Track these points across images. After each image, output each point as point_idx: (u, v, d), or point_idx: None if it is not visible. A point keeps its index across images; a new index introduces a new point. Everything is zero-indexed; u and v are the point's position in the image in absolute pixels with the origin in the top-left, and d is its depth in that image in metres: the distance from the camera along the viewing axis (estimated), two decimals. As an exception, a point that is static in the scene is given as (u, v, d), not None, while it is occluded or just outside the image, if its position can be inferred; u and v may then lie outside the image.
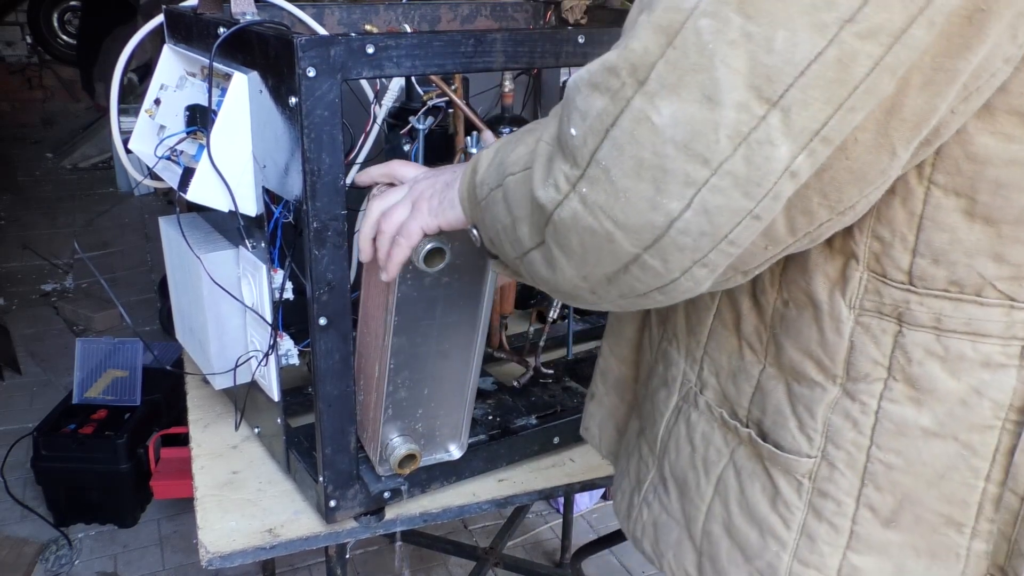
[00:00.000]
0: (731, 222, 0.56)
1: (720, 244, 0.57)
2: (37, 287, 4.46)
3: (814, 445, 0.70)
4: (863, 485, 0.69)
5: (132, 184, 5.09)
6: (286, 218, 1.07)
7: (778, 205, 0.57)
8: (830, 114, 0.53)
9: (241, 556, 1.12)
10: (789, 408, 0.71)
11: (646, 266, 0.60)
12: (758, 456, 0.74)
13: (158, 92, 1.26)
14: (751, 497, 0.74)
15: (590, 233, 0.60)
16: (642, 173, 0.56)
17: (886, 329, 0.66)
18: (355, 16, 1.46)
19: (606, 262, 0.61)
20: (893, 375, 0.66)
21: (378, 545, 2.65)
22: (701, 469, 0.79)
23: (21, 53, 7.85)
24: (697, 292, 0.62)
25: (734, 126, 0.53)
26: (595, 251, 0.61)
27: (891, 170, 0.58)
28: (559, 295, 0.72)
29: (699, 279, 0.60)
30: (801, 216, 0.60)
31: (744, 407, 0.75)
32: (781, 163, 0.54)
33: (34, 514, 2.74)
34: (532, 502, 1.31)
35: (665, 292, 0.62)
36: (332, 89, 0.94)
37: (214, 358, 1.24)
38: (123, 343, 2.84)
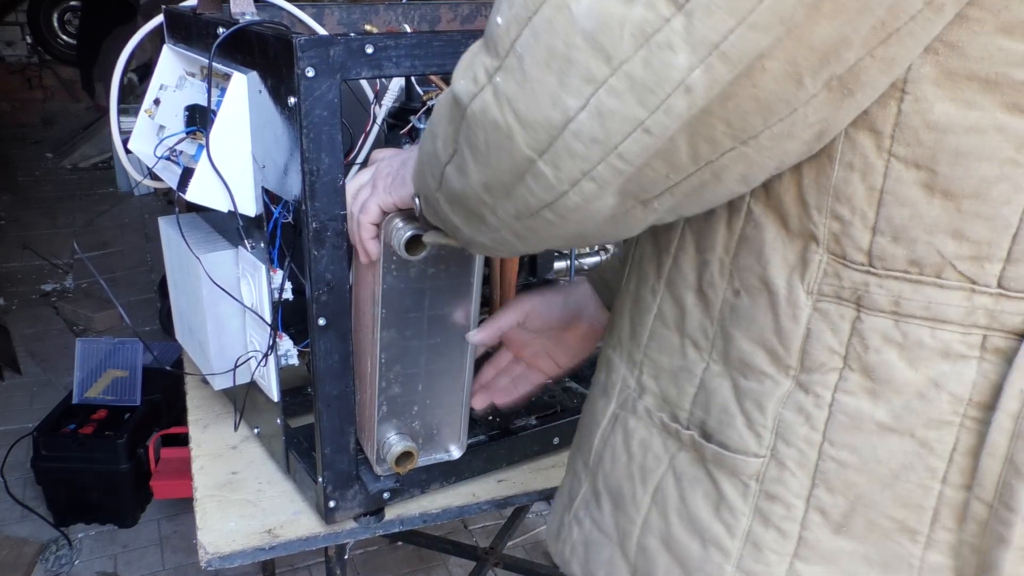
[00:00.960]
0: (622, 131, 0.54)
1: (610, 156, 0.55)
2: (37, 287, 4.46)
3: (763, 443, 0.66)
4: (814, 486, 0.64)
5: (132, 184, 5.09)
6: (285, 218, 1.07)
7: (671, 123, 0.53)
8: (732, 27, 0.50)
9: (241, 556, 1.12)
10: (736, 405, 0.67)
11: (539, 175, 0.58)
12: (701, 460, 0.70)
13: (158, 92, 1.26)
14: (692, 505, 0.70)
15: (495, 128, 0.58)
16: (551, 63, 0.54)
17: (844, 315, 0.62)
18: (355, 16, 1.46)
19: (505, 166, 0.59)
20: (849, 364, 0.62)
21: (378, 545, 2.65)
22: (638, 478, 0.74)
23: (21, 53, 7.85)
24: (588, 216, 0.59)
25: (639, 24, 0.51)
26: (496, 151, 0.59)
27: (797, 103, 0.54)
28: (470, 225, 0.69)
29: (588, 195, 0.57)
30: (704, 143, 0.55)
31: (686, 409, 0.71)
32: (678, 72, 0.51)
33: (34, 514, 2.74)
34: (532, 502, 1.31)
35: (555, 210, 0.59)
36: (331, 89, 0.94)
37: (213, 358, 1.24)
38: (123, 343, 2.84)
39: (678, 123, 0.53)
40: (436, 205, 0.71)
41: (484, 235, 0.68)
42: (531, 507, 2.79)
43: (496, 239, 0.68)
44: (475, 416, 1.31)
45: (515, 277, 1.34)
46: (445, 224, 0.73)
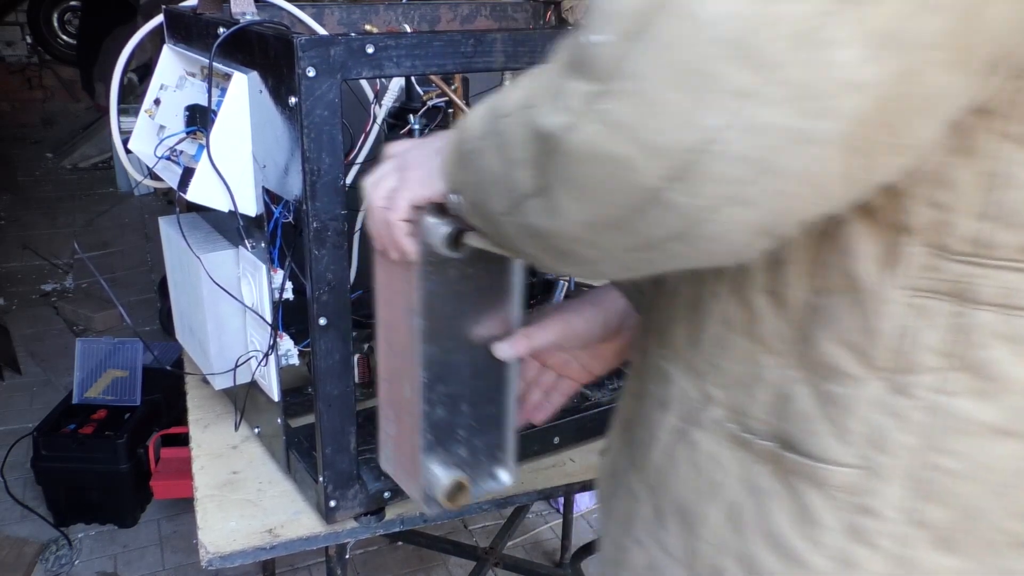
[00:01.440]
0: (781, 144, 0.46)
1: (765, 175, 0.47)
2: (37, 287, 4.46)
3: (853, 452, 0.60)
4: (914, 497, 0.58)
5: (132, 184, 5.09)
6: (286, 218, 1.07)
7: (837, 128, 0.46)
8: (908, 12, 0.44)
9: (241, 556, 1.12)
10: (820, 412, 0.61)
11: (669, 204, 0.49)
12: (780, 472, 0.64)
13: (158, 92, 1.26)
14: (771, 521, 0.64)
15: (607, 161, 0.50)
16: (679, 81, 0.46)
17: (945, 310, 0.56)
18: (355, 16, 1.46)
19: (620, 199, 0.51)
20: (952, 364, 0.56)
21: (377, 545, 2.65)
22: (707, 495, 0.68)
23: (21, 53, 7.85)
24: (727, 246, 0.52)
25: (795, 21, 0.43)
26: (609, 185, 0.51)
27: (962, 98, 0.49)
28: (549, 256, 0.61)
29: (733, 224, 0.49)
30: (860, 158, 0.48)
31: (760, 419, 0.65)
32: (847, 71, 0.44)
33: (34, 514, 2.74)
34: (532, 502, 1.31)
35: (687, 240, 0.51)
36: (332, 89, 0.94)
37: (214, 358, 1.25)
38: (123, 343, 2.84)
39: (843, 130, 0.46)
40: (498, 225, 0.64)
41: (569, 266, 0.64)
42: (531, 507, 2.79)
43: (587, 270, 0.62)
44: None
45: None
46: (505, 243, 0.66)
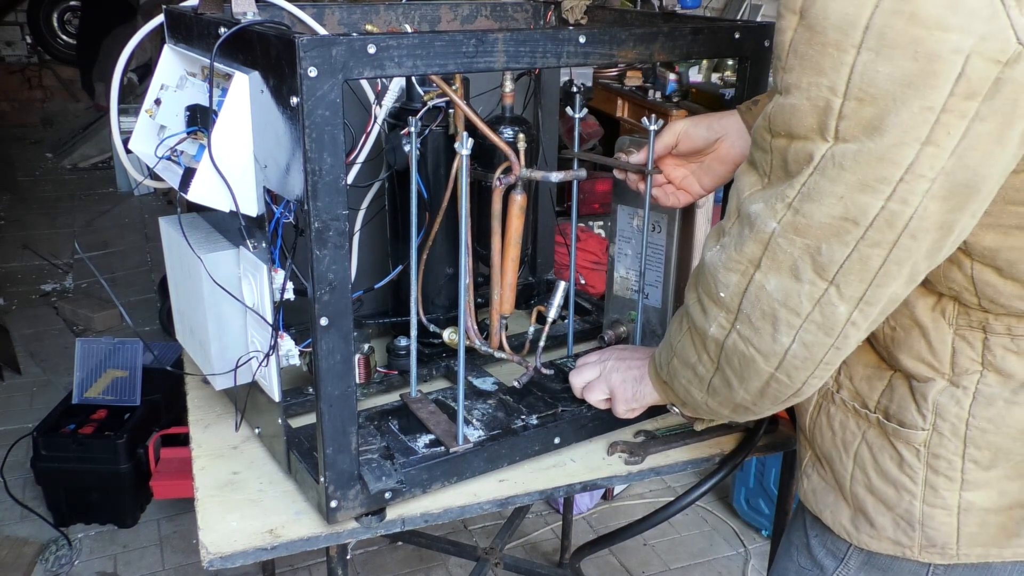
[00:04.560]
0: (822, 352, 0.88)
1: (819, 366, 0.90)
2: (37, 287, 4.46)
3: (927, 421, 0.97)
4: (966, 446, 0.96)
5: (132, 184, 5.09)
6: (287, 218, 1.07)
7: (851, 342, 0.88)
8: (866, 288, 0.84)
9: (242, 557, 1.12)
10: (910, 397, 0.99)
11: (779, 381, 0.93)
12: (885, 434, 1.01)
13: (158, 92, 1.25)
14: (883, 464, 1.01)
15: (744, 357, 0.93)
16: (765, 319, 0.89)
17: (976, 337, 0.94)
18: (355, 16, 1.46)
19: (755, 379, 0.94)
20: (985, 367, 0.95)
21: (378, 545, 2.65)
22: (842, 448, 1.05)
23: (21, 53, 7.86)
24: (811, 392, 0.95)
25: (809, 294, 0.86)
26: (747, 370, 0.94)
27: (920, 288, 0.94)
28: (735, 411, 1.03)
29: (815, 385, 0.93)
30: (863, 333, 0.89)
31: (874, 400, 1.02)
32: (843, 317, 0.86)
33: (34, 514, 2.74)
34: (533, 502, 1.31)
35: (798, 396, 0.95)
36: (333, 89, 0.94)
37: (214, 358, 1.24)
38: (123, 343, 2.84)
39: (854, 342, 0.89)
40: (706, 405, 1.07)
41: (737, 414, 1.04)
42: (531, 507, 2.79)
43: (756, 414, 1.02)
44: (475, 416, 1.31)
45: (515, 277, 1.34)
46: (708, 413, 1.12)
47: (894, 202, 0.79)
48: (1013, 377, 0.94)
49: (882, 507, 1.02)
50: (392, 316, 1.63)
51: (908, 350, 0.98)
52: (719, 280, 0.93)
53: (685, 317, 1.02)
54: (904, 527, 1.01)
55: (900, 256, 0.82)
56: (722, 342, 0.95)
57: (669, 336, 1.09)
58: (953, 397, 0.96)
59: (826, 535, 1.10)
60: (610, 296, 1.54)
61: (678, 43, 1.21)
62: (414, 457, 1.22)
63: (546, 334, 1.37)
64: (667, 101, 4.04)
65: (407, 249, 1.33)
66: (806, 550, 1.14)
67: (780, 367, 0.91)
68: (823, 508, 1.09)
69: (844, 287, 0.84)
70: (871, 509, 1.03)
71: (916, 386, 0.98)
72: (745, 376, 0.95)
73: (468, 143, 1.16)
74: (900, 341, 0.99)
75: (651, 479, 2.09)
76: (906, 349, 0.98)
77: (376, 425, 1.30)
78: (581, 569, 2.41)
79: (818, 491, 1.10)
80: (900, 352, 0.99)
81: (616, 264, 1.51)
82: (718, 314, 0.94)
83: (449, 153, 1.39)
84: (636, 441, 1.36)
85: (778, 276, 0.87)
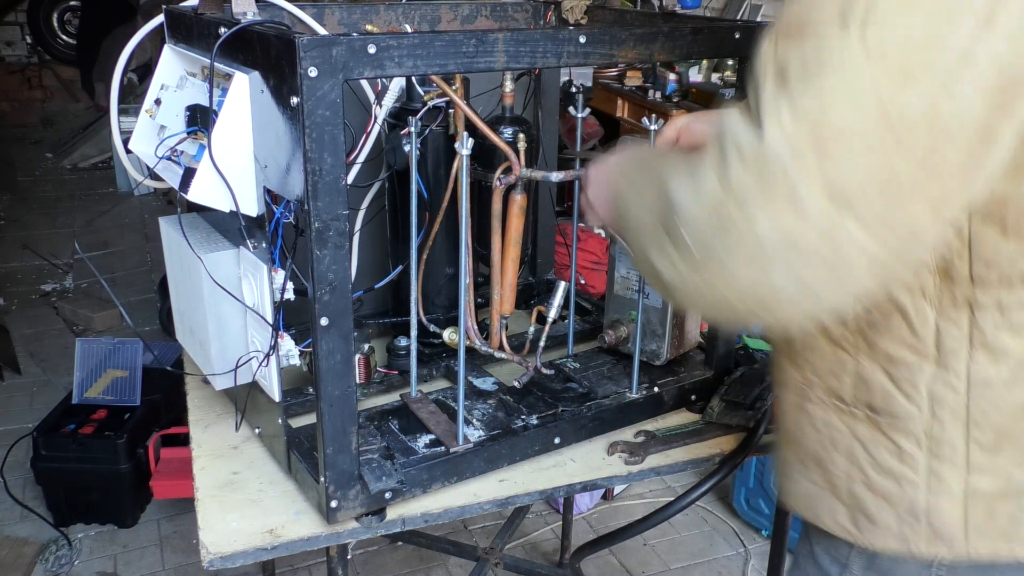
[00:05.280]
0: (824, 288, 0.76)
1: (815, 304, 0.78)
2: (37, 287, 4.46)
3: (923, 409, 0.91)
4: (968, 430, 0.90)
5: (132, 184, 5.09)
6: (287, 218, 1.07)
7: (858, 274, 0.75)
8: (886, 206, 0.72)
9: (242, 556, 1.12)
10: (893, 386, 0.92)
11: (756, 317, 0.82)
12: (876, 426, 0.94)
13: (158, 92, 1.25)
14: (880, 458, 0.95)
15: (714, 301, 0.81)
16: (751, 263, 0.76)
17: (962, 315, 0.87)
18: (355, 16, 1.46)
19: (728, 314, 0.83)
20: (974, 346, 0.87)
21: (377, 545, 2.65)
22: (830, 447, 0.99)
23: (21, 53, 7.85)
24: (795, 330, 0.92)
25: (818, 227, 0.73)
26: (719, 308, 0.82)
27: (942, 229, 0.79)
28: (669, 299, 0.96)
29: (794, 322, 0.82)
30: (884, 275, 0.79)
31: (849, 394, 0.96)
32: (856, 247, 0.73)
33: (34, 514, 2.74)
34: (533, 502, 1.31)
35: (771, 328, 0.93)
36: (334, 89, 0.94)
37: (215, 359, 1.24)
38: (123, 343, 2.84)
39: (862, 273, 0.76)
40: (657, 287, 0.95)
41: None
42: (531, 507, 2.79)
43: None
44: (476, 416, 1.31)
45: (515, 277, 1.34)
46: None
47: (933, 95, 0.69)
48: (1008, 355, 0.87)
49: (883, 503, 0.97)
50: (392, 316, 1.63)
51: (888, 334, 0.91)
52: (687, 223, 0.80)
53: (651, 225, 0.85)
54: (909, 521, 0.95)
55: (933, 162, 0.72)
56: (679, 288, 0.83)
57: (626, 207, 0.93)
58: (946, 383, 0.90)
59: (828, 541, 1.06)
60: (610, 296, 1.54)
61: (678, 43, 1.21)
62: (414, 457, 1.22)
63: (546, 334, 1.37)
64: (667, 101, 4.04)
65: (407, 249, 1.33)
66: (811, 559, 1.09)
67: (763, 309, 0.79)
68: (820, 513, 1.04)
69: (860, 210, 0.72)
70: (872, 506, 0.98)
71: (900, 374, 0.92)
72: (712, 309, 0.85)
73: (468, 143, 1.16)
74: (878, 325, 0.92)
75: (651, 479, 2.09)
76: (886, 333, 0.91)
77: (376, 425, 1.30)
78: (581, 569, 2.41)
79: (810, 496, 1.05)
80: (880, 337, 0.92)
81: (616, 264, 1.51)
82: (671, 253, 0.81)
83: (449, 153, 1.39)
84: (636, 441, 1.36)
85: (771, 211, 0.74)
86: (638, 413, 1.41)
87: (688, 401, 1.47)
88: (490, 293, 1.34)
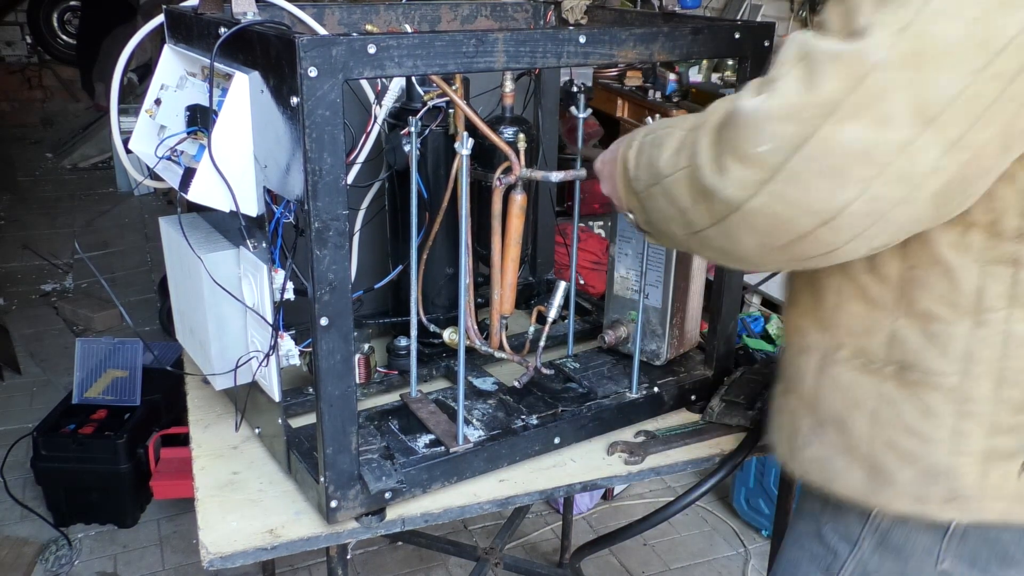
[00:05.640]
0: (891, 205, 0.79)
1: (879, 222, 0.80)
2: (37, 287, 4.46)
3: (955, 366, 0.92)
4: (999, 387, 0.92)
5: (132, 184, 5.09)
6: (287, 218, 1.07)
7: (925, 195, 0.79)
8: (966, 129, 0.75)
9: (242, 556, 1.12)
10: (928, 343, 0.93)
11: (819, 239, 0.82)
12: (903, 385, 0.95)
13: (158, 92, 1.25)
14: (906, 417, 0.96)
15: (777, 216, 0.82)
16: (826, 174, 0.78)
17: (1004, 272, 0.88)
18: (355, 16, 1.46)
19: (785, 236, 0.84)
20: (1012, 304, 0.89)
21: (377, 545, 2.65)
22: (853, 408, 1.00)
23: (21, 53, 7.85)
24: (849, 257, 0.86)
25: (900, 141, 0.76)
26: (777, 229, 0.84)
27: (1005, 166, 0.81)
28: (726, 259, 0.96)
29: (855, 249, 0.84)
30: (944, 204, 0.81)
31: (880, 353, 0.97)
32: (930, 164, 0.77)
33: (34, 514, 2.74)
34: (533, 502, 1.31)
35: (828, 257, 0.85)
36: (334, 89, 0.94)
37: (215, 359, 1.24)
38: (123, 343, 2.84)
39: (929, 194, 0.79)
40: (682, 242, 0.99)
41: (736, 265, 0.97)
42: (531, 507, 2.79)
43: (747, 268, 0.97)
44: (476, 416, 1.31)
45: (515, 277, 1.34)
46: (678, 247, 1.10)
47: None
48: None
49: (903, 463, 0.97)
50: (392, 316, 1.63)
51: (928, 290, 0.92)
52: (763, 132, 0.81)
53: (685, 156, 0.90)
54: (927, 481, 0.96)
55: (1013, 91, 0.75)
56: (739, 204, 0.84)
57: (654, 159, 0.97)
58: (982, 340, 0.92)
59: (839, 520, 1.07)
60: (610, 296, 1.54)
61: (678, 43, 1.21)
62: (414, 457, 1.22)
63: (546, 334, 1.37)
64: (667, 101, 4.04)
65: (407, 249, 1.33)
66: (817, 538, 1.10)
67: (828, 225, 0.81)
68: (832, 476, 1.04)
69: (942, 129, 0.75)
70: (891, 466, 0.98)
71: (936, 330, 0.93)
72: (770, 234, 0.85)
73: (468, 143, 1.16)
74: (919, 281, 0.93)
75: (651, 479, 2.09)
76: (926, 289, 0.93)
77: (376, 425, 1.30)
78: (581, 569, 2.41)
79: (823, 460, 1.05)
80: (918, 292, 0.93)
81: (616, 264, 1.51)
82: (744, 174, 0.83)
83: (449, 153, 1.40)
84: (636, 441, 1.36)
85: (857, 124, 0.76)
86: (638, 413, 1.41)
87: (688, 401, 1.47)
88: (490, 293, 1.34)
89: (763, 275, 3.53)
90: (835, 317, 1.00)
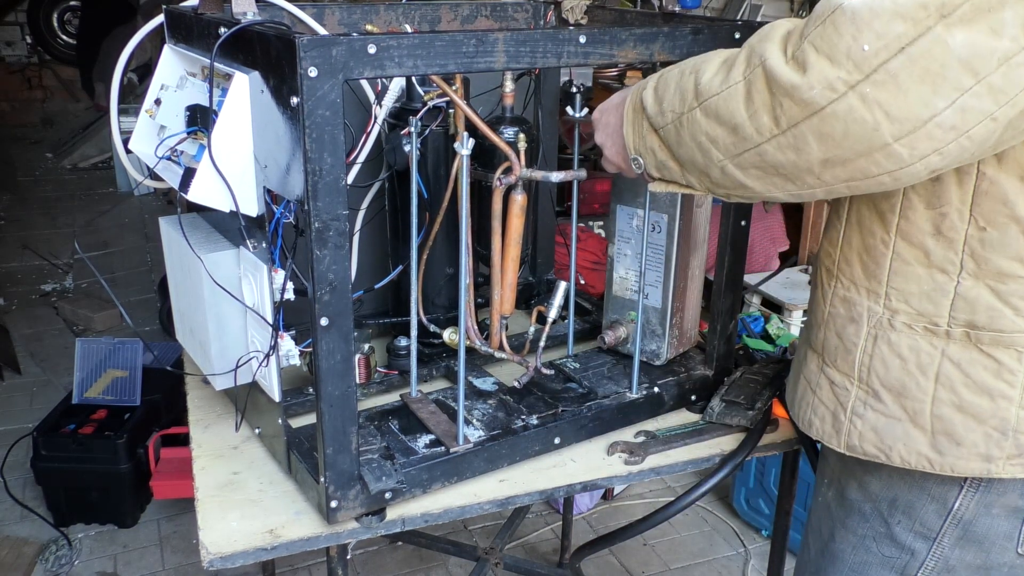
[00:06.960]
0: (976, 120, 0.79)
1: (960, 137, 0.80)
2: (37, 287, 4.46)
3: None
4: None
5: (132, 184, 5.09)
6: (287, 218, 1.07)
7: (1011, 113, 0.79)
8: None
9: (242, 557, 1.12)
10: (1001, 302, 0.95)
11: (891, 154, 0.82)
12: (974, 345, 0.97)
13: (158, 92, 1.25)
14: (975, 376, 0.97)
15: (859, 123, 0.81)
16: (925, 79, 0.78)
17: None
18: (355, 16, 1.46)
19: (859, 147, 0.83)
20: None
21: (377, 545, 2.65)
22: (917, 373, 1.01)
23: (21, 53, 7.85)
24: (913, 179, 0.85)
25: (1005, 52, 0.77)
26: (854, 137, 0.82)
27: None
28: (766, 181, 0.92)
29: (926, 167, 0.83)
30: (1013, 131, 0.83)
31: (945, 316, 0.98)
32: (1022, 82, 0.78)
33: (34, 514, 2.74)
34: (533, 502, 1.31)
35: (895, 176, 0.85)
36: (334, 89, 0.94)
37: (215, 359, 1.24)
38: (123, 343, 2.84)
39: (1017, 112, 0.80)
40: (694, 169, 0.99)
41: (776, 190, 0.93)
42: (531, 507, 2.79)
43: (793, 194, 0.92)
44: (476, 416, 1.31)
45: (515, 277, 1.34)
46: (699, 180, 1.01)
47: None
48: None
49: (972, 422, 0.98)
50: (392, 316, 1.63)
51: (1003, 250, 0.93)
52: (869, 30, 0.79)
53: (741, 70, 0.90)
54: (997, 438, 0.98)
55: None
56: (821, 107, 0.82)
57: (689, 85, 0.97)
58: None
59: (913, 516, 1.06)
60: (610, 296, 1.54)
61: (678, 43, 1.21)
62: (414, 457, 1.22)
63: (546, 334, 1.37)
64: (667, 101, 4.04)
65: (407, 249, 1.33)
66: (888, 539, 1.09)
67: (910, 136, 0.80)
68: (891, 445, 1.04)
69: None
70: (959, 427, 0.99)
71: (1009, 290, 0.94)
72: (843, 143, 0.83)
73: (468, 143, 1.16)
74: (993, 242, 0.94)
75: (651, 479, 2.09)
76: (1000, 249, 0.94)
77: (376, 425, 1.30)
78: (581, 569, 2.41)
79: (879, 428, 1.05)
80: (992, 253, 0.94)
81: (616, 264, 1.51)
82: (832, 73, 0.81)
83: (449, 153, 1.40)
84: (636, 441, 1.36)
85: (970, 29, 0.77)
86: (638, 413, 1.41)
87: (688, 401, 1.47)
88: (490, 293, 1.34)
89: (763, 275, 3.54)
90: (892, 282, 1.01)
